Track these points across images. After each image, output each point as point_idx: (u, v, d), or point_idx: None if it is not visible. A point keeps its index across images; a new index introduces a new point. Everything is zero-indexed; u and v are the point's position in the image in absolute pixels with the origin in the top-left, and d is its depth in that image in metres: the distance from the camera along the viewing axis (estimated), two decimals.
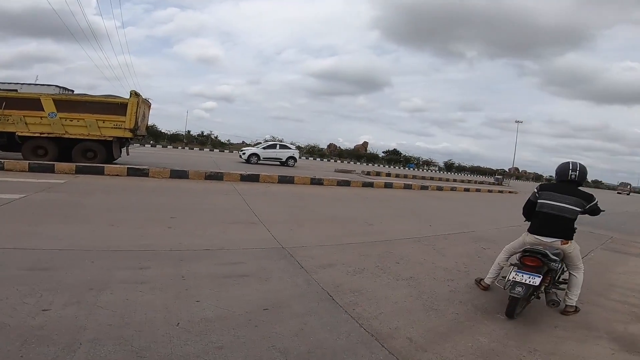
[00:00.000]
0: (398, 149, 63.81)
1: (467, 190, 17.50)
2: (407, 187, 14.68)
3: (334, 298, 2.94)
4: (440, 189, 16.09)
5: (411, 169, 49.65)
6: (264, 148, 22.30)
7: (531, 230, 3.25)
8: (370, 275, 3.62)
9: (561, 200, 3.07)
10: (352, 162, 45.15)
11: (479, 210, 10.84)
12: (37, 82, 13.12)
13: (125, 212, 5.25)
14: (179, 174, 9.76)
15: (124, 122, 10.38)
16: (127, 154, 12.11)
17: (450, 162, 64.12)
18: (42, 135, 10.05)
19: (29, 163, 8.60)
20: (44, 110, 9.87)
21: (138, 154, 18.46)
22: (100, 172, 8.99)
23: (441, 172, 54.86)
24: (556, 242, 3.07)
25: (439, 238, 5.80)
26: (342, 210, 7.58)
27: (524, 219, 3.55)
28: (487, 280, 3.51)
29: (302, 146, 50.83)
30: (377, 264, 4.02)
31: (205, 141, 46.35)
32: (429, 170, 52.26)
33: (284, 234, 4.85)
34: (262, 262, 3.63)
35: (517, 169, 74.94)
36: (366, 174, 20.35)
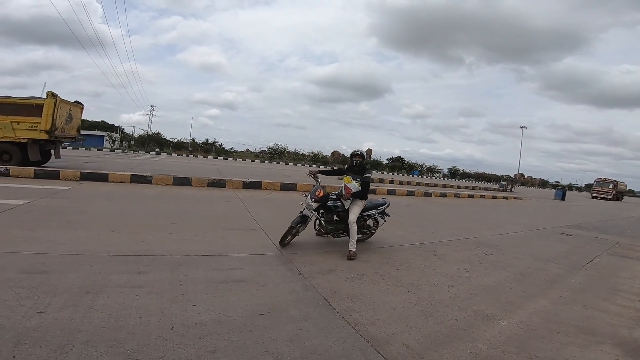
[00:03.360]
0: (402, 156, 63.86)
1: (471, 196, 17.37)
2: (410, 193, 14.62)
3: (331, 304, 2.92)
4: (444, 195, 16.00)
5: (415, 175, 49.46)
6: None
7: None
8: (369, 281, 3.59)
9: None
10: None
11: (482, 216, 10.74)
12: None
13: (127, 218, 5.27)
14: (182, 181, 9.81)
15: (39, 123, 10.10)
16: (57, 157, 11.58)
17: (455, 168, 63.88)
18: None
19: (34, 170, 8.71)
20: None
21: (141, 160, 18.63)
22: (104, 179, 9.08)
23: (445, 179, 54.62)
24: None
25: (440, 244, 5.75)
26: None
27: None
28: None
29: (306, 154, 51.04)
30: (377, 270, 3.98)
31: (209, 149, 46.68)
32: (433, 177, 52.04)
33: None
34: (260, 268, 3.62)
35: (522, 175, 74.32)
36: None
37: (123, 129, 54.18)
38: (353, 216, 4.45)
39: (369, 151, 62.95)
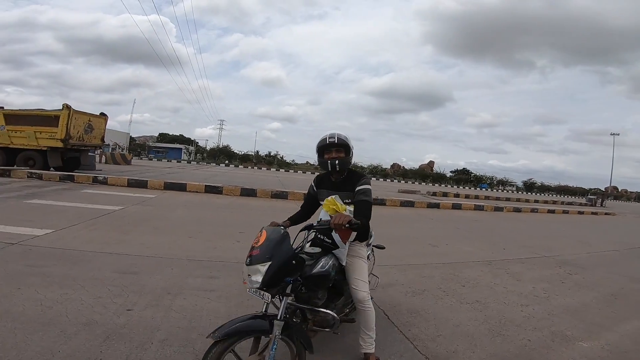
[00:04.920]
0: (468, 168, 60.05)
1: (551, 212, 15.61)
2: (479, 208, 13.65)
3: (390, 317, 2.88)
4: (518, 210, 14.64)
5: (484, 189, 45.99)
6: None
7: None
8: (431, 297, 3.45)
9: None
10: (416, 183, 43.54)
11: (565, 233, 9.58)
12: None
13: (201, 225, 5.80)
14: (248, 192, 10.48)
15: (57, 132, 11.45)
16: (84, 163, 13.22)
17: (531, 181, 58.18)
18: None
19: (127, 179, 10.08)
20: None
21: (213, 172, 20.29)
22: (183, 189, 10.11)
23: (520, 192, 49.77)
24: None
25: (513, 262, 5.28)
26: (404, 231, 7.36)
27: None
28: None
29: (365, 166, 50.75)
30: (440, 286, 3.82)
31: (272, 161, 49.12)
32: (505, 191, 47.77)
33: None
34: None
35: (615, 187, 64.46)
36: (432, 195, 19.45)
37: (197, 142, 59.83)
38: (362, 288, 2.09)
39: (431, 163, 60.33)
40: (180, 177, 14.53)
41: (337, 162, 2.12)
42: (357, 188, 2.09)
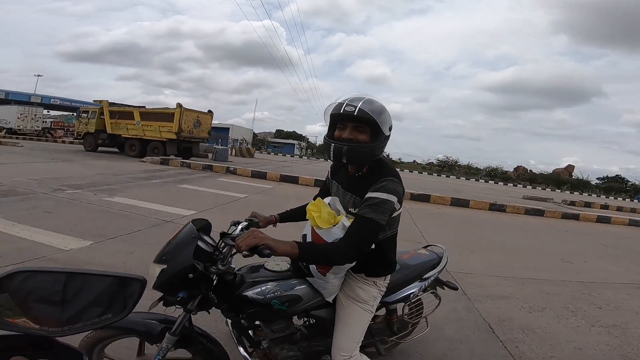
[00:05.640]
0: (622, 175, 48.14)
1: None
2: (635, 223, 10.88)
3: (495, 331, 2.64)
4: None
5: None
6: None
7: None
8: (553, 315, 3.01)
9: None
10: (548, 189, 37.04)
11: None
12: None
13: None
14: None
15: (172, 127, 14.18)
16: (195, 154, 16.18)
17: None
18: (133, 137, 15.22)
19: (251, 170, 11.63)
20: (134, 120, 14.87)
21: (323, 167, 21.42)
22: (295, 181, 11.09)
23: None
24: None
25: None
26: (527, 242, 6.47)
27: None
28: None
29: (481, 168, 45.89)
30: (567, 305, 3.28)
31: None
32: None
33: (450, 257, 4.62)
34: None
35: None
36: (569, 204, 16.34)
37: (308, 139, 64.10)
38: (342, 350, 1.43)
39: (570, 168, 50.48)
40: (292, 170, 15.85)
41: (345, 149, 1.30)
42: (368, 194, 1.30)
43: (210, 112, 16.64)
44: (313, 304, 1.46)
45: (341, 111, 1.30)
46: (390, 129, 1.38)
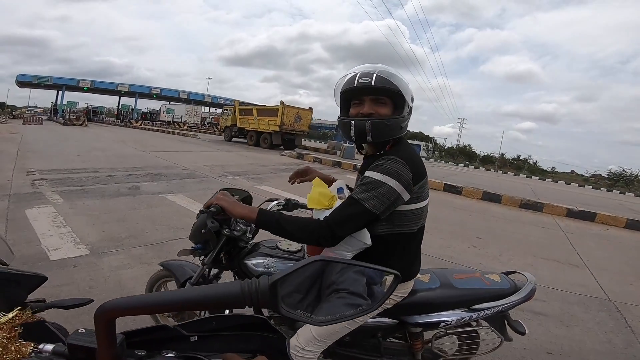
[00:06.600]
0: None
1: None
2: None
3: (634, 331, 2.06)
4: None
5: None
6: None
7: None
8: None
9: None
10: None
11: None
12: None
13: (437, 222, 5.93)
14: (491, 197, 9.60)
15: (276, 121, 16.93)
16: (298, 145, 18.85)
17: None
18: (252, 130, 18.82)
19: (354, 165, 11.71)
20: (253, 116, 18.37)
21: (451, 171, 19.86)
22: None
23: None
24: None
25: None
26: None
27: None
28: None
29: None
30: None
31: (521, 166, 42.26)
32: None
33: (617, 286, 3.82)
34: (571, 308, 3.09)
35: None
36: None
37: (435, 140, 60.31)
38: (300, 340, 1.21)
39: None
40: None
41: (369, 124, 1.14)
42: (365, 173, 1.15)
43: (310, 108, 19.06)
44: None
45: (355, 84, 1.15)
46: (412, 99, 1.22)
